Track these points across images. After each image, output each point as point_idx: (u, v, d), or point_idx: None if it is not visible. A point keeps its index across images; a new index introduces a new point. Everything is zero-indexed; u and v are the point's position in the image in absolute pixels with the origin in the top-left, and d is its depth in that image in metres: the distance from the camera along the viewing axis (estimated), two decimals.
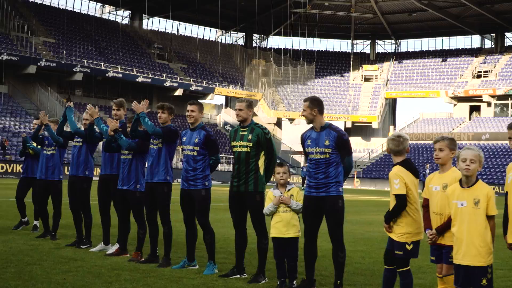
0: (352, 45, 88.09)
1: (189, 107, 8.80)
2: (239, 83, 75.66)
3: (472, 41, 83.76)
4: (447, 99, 75.15)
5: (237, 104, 8.28)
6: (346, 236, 8.64)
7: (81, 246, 10.46)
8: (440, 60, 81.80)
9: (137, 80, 65.34)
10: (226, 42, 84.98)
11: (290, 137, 72.00)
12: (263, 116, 74.77)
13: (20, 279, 7.55)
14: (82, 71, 60.92)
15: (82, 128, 10.85)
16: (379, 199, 35.94)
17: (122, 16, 77.94)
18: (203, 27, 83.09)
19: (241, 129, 8.29)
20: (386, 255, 6.80)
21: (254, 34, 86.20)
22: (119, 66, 65.21)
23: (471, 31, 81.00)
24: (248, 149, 8.13)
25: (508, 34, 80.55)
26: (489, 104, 73.29)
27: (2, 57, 54.97)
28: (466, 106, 75.17)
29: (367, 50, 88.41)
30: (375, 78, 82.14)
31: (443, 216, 6.37)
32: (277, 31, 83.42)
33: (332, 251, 7.64)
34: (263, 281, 8.02)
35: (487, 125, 69.98)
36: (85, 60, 62.52)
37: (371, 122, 76.57)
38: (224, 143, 61.56)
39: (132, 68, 66.26)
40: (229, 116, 74.93)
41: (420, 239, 6.71)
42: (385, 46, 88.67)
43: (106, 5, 75.98)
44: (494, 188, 50.65)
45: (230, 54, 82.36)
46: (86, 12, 74.49)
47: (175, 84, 68.49)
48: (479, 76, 75.86)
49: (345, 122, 76.96)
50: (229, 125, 72.11)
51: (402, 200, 6.55)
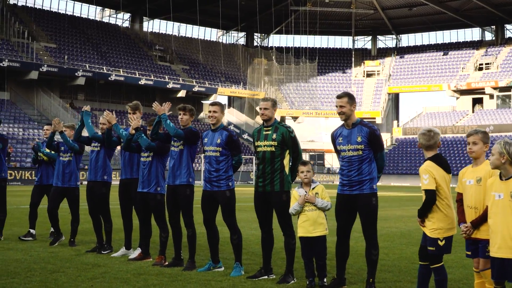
0: (353, 41, 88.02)
1: (211, 108, 8.72)
2: (242, 83, 75.56)
3: (473, 34, 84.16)
4: (450, 92, 75.05)
5: (262, 103, 8.18)
6: (359, 233, 8.55)
7: (102, 252, 10.36)
8: (442, 54, 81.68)
9: (140, 83, 65.24)
10: (227, 42, 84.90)
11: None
12: None
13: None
14: (84, 75, 60.80)
15: (99, 133, 10.74)
16: (388, 195, 35.85)
17: (123, 19, 77.94)
18: (204, 28, 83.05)
19: (265, 129, 8.20)
20: (421, 251, 6.72)
21: (255, 33, 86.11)
22: (121, 69, 65.11)
23: (472, 24, 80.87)
24: (273, 149, 8.05)
25: (508, 26, 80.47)
26: (492, 96, 73.16)
27: (3, 64, 54.89)
28: (469, 99, 75.05)
29: (368, 46, 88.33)
30: (377, 74, 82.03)
31: (478, 210, 6.28)
32: (278, 30, 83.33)
33: (366, 249, 7.57)
34: (292, 281, 7.94)
35: (490, 117, 69.86)
36: (87, 64, 62.43)
37: (375, 118, 76.39)
38: None
39: (134, 71, 66.18)
40: (233, 116, 74.84)
41: (453, 235, 6.61)
42: (386, 42, 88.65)
43: (106, 9, 75.91)
44: None
45: (232, 54, 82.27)
46: (86, 16, 74.42)
47: (178, 86, 68.38)
48: (481, 69, 75.76)
49: None
50: (233, 125, 71.97)
51: (431, 195, 6.46)
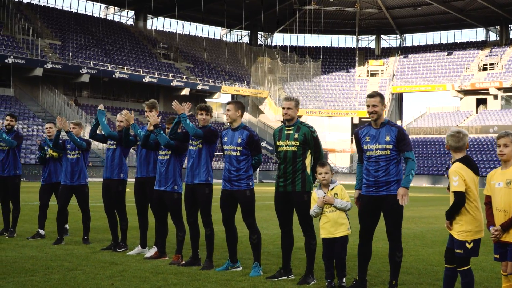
0: (357, 41, 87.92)
1: (227, 106, 8.71)
2: (245, 81, 75.50)
3: (477, 34, 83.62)
4: (454, 93, 74.94)
5: (285, 103, 8.12)
6: (377, 234, 8.51)
7: (118, 250, 10.32)
8: (446, 54, 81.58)
9: (144, 81, 65.22)
10: (231, 41, 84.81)
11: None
12: (270, 114, 74.60)
13: (67, 286, 7.43)
14: (89, 73, 60.81)
15: (115, 131, 10.69)
16: None
17: (127, 17, 77.86)
18: (208, 26, 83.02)
19: (287, 128, 8.14)
20: (447, 254, 6.65)
21: (259, 32, 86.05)
22: (125, 67, 65.09)
23: (476, 24, 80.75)
24: (295, 148, 8.00)
25: None
26: (496, 97, 73.05)
27: (9, 60, 54.87)
28: (473, 99, 74.95)
29: (372, 45, 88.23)
30: (381, 73, 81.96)
31: (508, 213, 6.19)
32: (282, 28, 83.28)
33: (389, 251, 7.51)
34: (313, 282, 7.89)
35: (495, 118, 69.75)
36: (92, 62, 62.40)
37: None
38: None
39: (139, 69, 66.14)
40: None
41: (481, 238, 6.55)
42: (390, 41, 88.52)
43: (111, 6, 75.85)
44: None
45: (236, 53, 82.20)
46: (91, 14, 74.43)
47: (182, 84, 68.36)
48: (485, 69, 75.65)
49: (352, 118, 76.80)
50: None
51: (460, 198, 6.39)
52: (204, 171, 8.87)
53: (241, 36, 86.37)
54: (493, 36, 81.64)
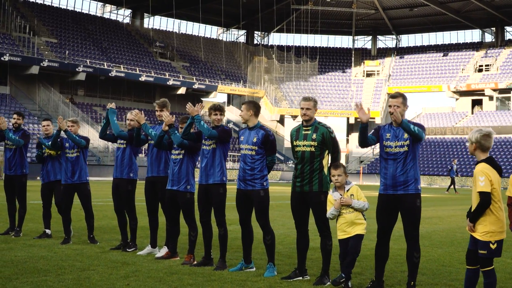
0: (353, 41, 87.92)
1: (242, 107, 8.68)
2: (242, 81, 75.45)
3: (473, 36, 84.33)
4: (450, 94, 75.05)
5: (304, 103, 8.09)
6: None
7: (128, 250, 10.25)
8: (442, 55, 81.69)
9: (140, 79, 65.05)
10: (228, 40, 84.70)
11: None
12: (266, 114, 74.53)
13: (82, 286, 7.37)
14: (85, 71, 60.58)
15: (125, 131, 10.62)
16: None
17: (123, 15, 77.66)
18: (205, 25, 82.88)
19: (304, 128, 8.11)
20: (469, 255, 6.61)
21: (256, 32, 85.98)
22: (122, 66, 64.92)
23: (472, 26, 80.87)
24: (313, 149, 7.97)
25: (508, 28, 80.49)
26: (491, 98, 73.19)
27: (5, 58, 54.61)
28: (468, 100, 75.07)
29: (368, 46, 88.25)
30: (377, 74, 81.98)
31: None
32: (279, 28, 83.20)
33: (407, 251, 7.49)
34: (328, 283, 7.86)
35: (490, 119, 69.88)
36: (88, 60, 62.21)
37: (374, 118, 76.22)
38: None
39: (135, 67, 65.98)
40: (232, 114, 74.60)
41: (503, 238, 6.53)
42: (386, 42, 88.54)
43: (107, 4, 75.63)
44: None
45: (232, 52, 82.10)
46: (87, 12, 74.16)
47: (178, 83, 68.23)
48: (481, 70, 75.78)
49: (348, 118, 76.85)
50: (232, 123, 71.88)
51: (487, 198, 6.36)
52: (219, 171, 8.83)
53: (238, 36, 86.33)
54: (489, 38, 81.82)
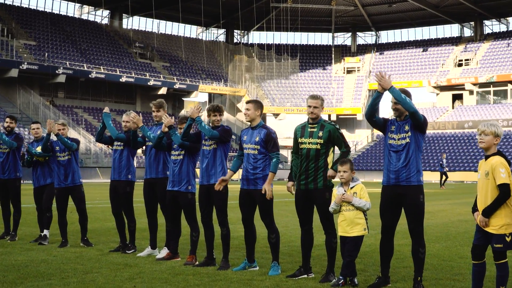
0: (333, 38, 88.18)
1: (245, 105, 8.66)
2: (223, 80, 75.38)
3: (452, 30, 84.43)
4: (430, 89, 75.51)
5: (311, 101, 8.10)
6: (378, 229, 8.49)
7: (127, 252, 10.19)
8: (421, 50, 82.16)
9: (121, 80, 64.83)
10: (207, 39, 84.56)
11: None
12: None
13: None
14: (65, 73, 60.23)
15: (121, 133, 10.55)
16: (374, 191, 35.87)
17: (102, 16, 77.20)
18: (184, 25, 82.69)
19: (310, 126, 8.12)
20: (475, 250, 6.62)
21: (235, 30, 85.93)
22: (102, 67, 64.58)
23: (451, 20, 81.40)
24: (318, 146, 7.98)
25: (487, 22, 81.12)
26: (472, 92, 73.77)
27: None
28: (449, 95, 75.58)
29: (348, 43, 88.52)
30: (357, 70, 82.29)
31: None
32: (259, 26, 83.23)
33: (412, 247, 7.52)
34: (334, 280, 7.85)
35: (470, 113, 70.44)
36: (68, 62, 61.81)
37: (356, 114, 76.72)
38: None
39: (115, 68, 65.69)
40: None
41: None
42: (366, 38, 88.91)
43: (85, 6, 75.15)
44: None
45: (213, 51, 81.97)
46: (65, 13, 73.68)
47: (159, 83, 68.05)
48: (461, 65, 76.32)
49: (330, 115, 77.02)
50: None
51: (508, 190, 6.35)
52: (220, 171, 8.82)
53: (218, 35, 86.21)
54: (468, 32, 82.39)
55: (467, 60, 76.10)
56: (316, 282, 7.83)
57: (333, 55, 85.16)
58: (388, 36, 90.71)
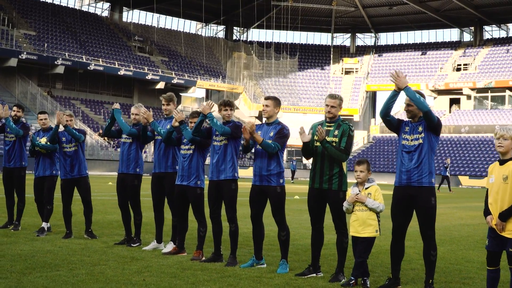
0: (332, 38, 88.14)
1: (264, 102, 8.59)
2: (221, 76, 75.29)
3: (452, 35, 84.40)
4: (428, 92, 75.41)
5: (330, 101, 8.06)
6: (386, 231, 8.45)
7: (132, 245, 10.15)
8: (420, 53, 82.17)
9: (119, 73, 64.64)
10: (206, 35, 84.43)
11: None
12: (245, 110, 74.49)
13: (99, 282, 7.27)
14: (64, 64, 60.01)
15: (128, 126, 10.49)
16: None
17: (102, 9, 77.01)
18: (183, 20, 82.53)
19: (327, 124, 8.09)
20: (490, 257, 6.62)
21: (235, 27, 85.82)
22: (101, 59, 64.41)
23: (451, 25, 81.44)
24: (334, 144, 7.94)
25: (487, 27, 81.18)
26: (469, 97, 73.84)
27: None
28: (446, 99, 75.65)
29: (347, 43, 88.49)
30: (356, 71, 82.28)
31: None
32: (259, 24, 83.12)
33: (424, 250, 7.49)
34: (343, 280, 7.83)
35: (467, 118, 70.51)
36: (67, 53, 61.63)
37: (353, 115, 76.63)
38: None
39: (114, 61, 65.51)
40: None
41: None
42: (365, 39, 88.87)
43: None
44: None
45: (212, 47, 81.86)
46: (66, 4, 73.45)
47: (157, 77, 67.89)
48: (459, 69, 76.36)
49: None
50: None
51: None
52: (231, 167, 8.77)
53: (217, 31, 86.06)
54: (467, 37, 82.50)
55: (466, 65, 76.16)
56: (326, 281, 7.81)
57: (332, 56, 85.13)
58: (388, 38, 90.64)
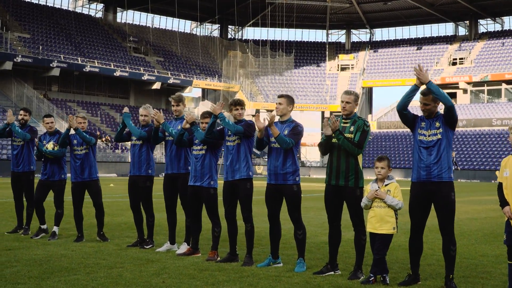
0: (327, 35, 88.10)
1: (278, 100, 8.57)
2: (217, 75, 75.21)
3: (447, 29, 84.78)
4: (424, 87, 75.41)
5: (345, 97, 8.03)
6: (403, 227, 8.44)
7: (145, 247, 10.11)
8: (415, 48, 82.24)
9: (115, 74, 64.49)
10: (201, 34, 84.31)
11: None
12: None
13: (119, 285, 7.24)
14: (59, 66, 59.83)
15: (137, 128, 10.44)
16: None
17: (96, 10, 76.81)
18: (178, 19, 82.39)
19: (344, 121, 8.07)
20: (511, 252, 6.64)
21: (229, 26, 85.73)
22: (96, 61, 64.26)
23: (446, 19, 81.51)
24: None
25: (482, 21, 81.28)
26: (465, 91, 73.95)
27: None
28: None
29: (342, 40, 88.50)
30: (351, 68, 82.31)
31: None
32: (254, 22, 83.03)
33: (443, 245, 7.47)
34: (362, 277, 7.82)
35: (464, 112, 70.57)
36: (62, 55, 61.44)
37: None
38: None
39: (109, 62, 65.36)
40: (207, 109, 74.28)
41: None
42: (360, 36, 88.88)
43: None
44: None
45: (207, 46, 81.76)
46: (59, 6, 73.24)
47: (153, 78, 67.77)
48: (455, 64, 76.46)
49: (323, 112, 77.00)
50: None
51: None
52: (245, 166, 8.73)
53: (212, 30, 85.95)
54: (462, 31, 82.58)
55: (462, 59, 76.26)
56: (345, 279, 7.79)
57: (327, 52, 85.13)
58: (383, 34, 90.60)
